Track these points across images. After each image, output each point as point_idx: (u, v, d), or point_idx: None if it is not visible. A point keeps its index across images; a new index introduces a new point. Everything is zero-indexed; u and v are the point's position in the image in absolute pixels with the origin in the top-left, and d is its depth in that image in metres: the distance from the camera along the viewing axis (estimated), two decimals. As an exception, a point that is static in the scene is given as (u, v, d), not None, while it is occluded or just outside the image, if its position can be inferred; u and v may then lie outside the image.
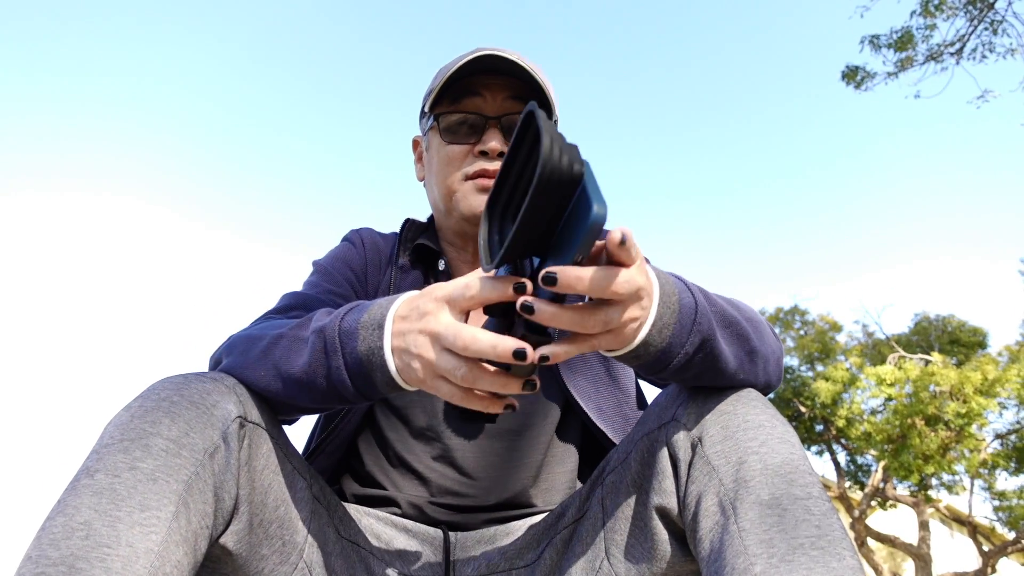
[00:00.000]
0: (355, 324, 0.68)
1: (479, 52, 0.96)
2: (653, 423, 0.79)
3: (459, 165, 1.00)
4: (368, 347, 0.66)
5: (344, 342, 0.68)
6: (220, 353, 0.83)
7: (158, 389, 0.67)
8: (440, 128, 1.01)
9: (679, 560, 0.74)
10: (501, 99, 0.99)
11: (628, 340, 0.63)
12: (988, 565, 10.35)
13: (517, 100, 1.00)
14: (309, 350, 0.70)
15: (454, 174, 1.01)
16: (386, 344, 0.66)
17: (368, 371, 0.67)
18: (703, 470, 0.70)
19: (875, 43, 7.70)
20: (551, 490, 1.01)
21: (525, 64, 0.97)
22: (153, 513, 0.59)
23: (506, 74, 0.99)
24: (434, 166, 1.04)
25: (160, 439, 0.63)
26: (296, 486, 0.78)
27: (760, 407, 0.72)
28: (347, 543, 0.87)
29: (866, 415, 10.29)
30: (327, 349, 0.69)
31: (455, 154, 1.00)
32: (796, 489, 0.65)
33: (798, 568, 0.59)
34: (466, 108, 1.00)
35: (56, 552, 0.56)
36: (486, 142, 0.98)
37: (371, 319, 0.67)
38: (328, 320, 0.71)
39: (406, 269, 1.06)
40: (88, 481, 0.60)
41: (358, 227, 1.16)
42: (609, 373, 1.03)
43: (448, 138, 1.01)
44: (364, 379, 0.68)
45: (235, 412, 0.69)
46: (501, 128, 0.99)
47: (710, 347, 0.69)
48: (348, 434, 0.99)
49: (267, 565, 0.74)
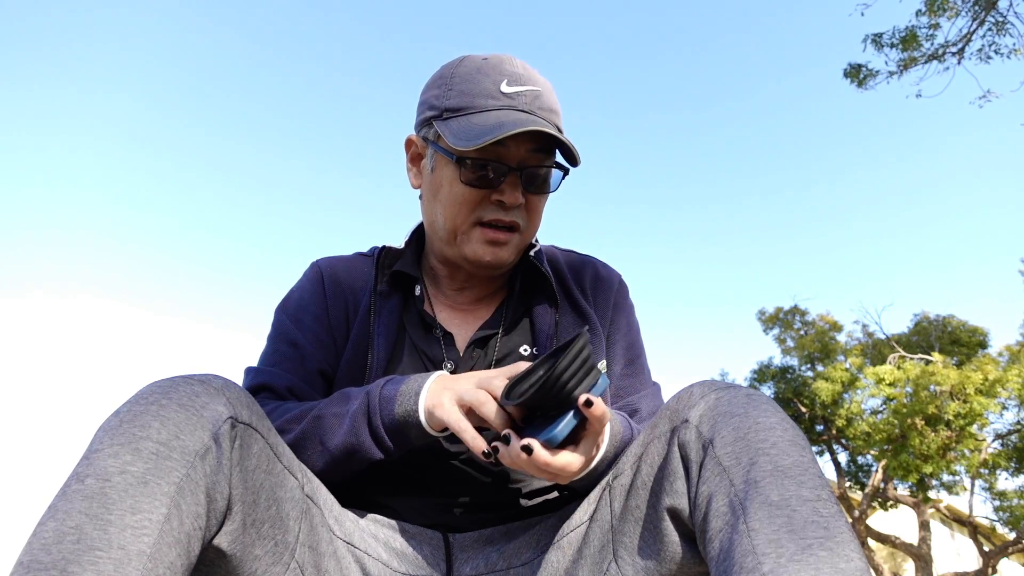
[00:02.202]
0: (394, 393, 0.88)
1: (524, 126, 0.91)
2: (665, 425, 0.80)
3: (472, 208, 0.98)
4: (405, 410, 0.86)
5: (383, 407, 0.87)
6: None
7: (147, 393, 0.67)
8: (459, 166, 0.97)
9: (688, 561, 0.74)
10: (525, 149, 0.96)
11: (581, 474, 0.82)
12: (988, 565, 10.37)
13: (539, 152, 0.97)
14: (350, 420, 0.88)
15: (466, 216, 0.98)
16: (420, 407, 0.86)
17: (404, 429, 0.87)
18: (714, 471, 0.70)
19: (878, 42, 7.70)
20: (549, 490, 1.01)
21: (562, 137, 0.94)
22: (145, 516, 0.59)
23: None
24: (443, 198, 1.00)
25: (150, 442, 0.63)
26: (287, 485, 0.78)
27: (771, 410, 0.73)
28: (341, 543, 0.87)
29: (866, 415, 10.31)
30: (370, 411, 0.88)
31: (470, 197, 0.97)
32: (805, 491, 0.65)
33: (806, 568, 0.59)
34: (489, 156, 0.95)
35: (48, 556, 0.56)
36: (504, 191, 0.96)
37: (409, 389, 0.88)
38: (367, 391, 0.90)
39: (385, 295, 1.06)
40: (78, 486, 0.60)
41: (317, 259, 1.13)
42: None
43: (467, 178, 0.96)
44: (401, 436, 0.87)
45: (225, 413, 0.69)
46: (521, 178, 0.97)
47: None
48: None
49: (260, 566, 0.73)
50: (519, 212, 0.99)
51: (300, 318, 1.05)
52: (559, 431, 0.74)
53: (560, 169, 1.01)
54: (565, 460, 0.75)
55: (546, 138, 0.96)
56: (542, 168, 0.98)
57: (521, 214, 0.99)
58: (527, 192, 0.98)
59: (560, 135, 0.94)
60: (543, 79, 1.01)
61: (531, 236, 1.04)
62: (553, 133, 0.93)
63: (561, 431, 0.74)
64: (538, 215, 1.03)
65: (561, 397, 0.74)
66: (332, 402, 0.91)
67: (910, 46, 7.59)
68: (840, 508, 0.66)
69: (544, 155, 0.98)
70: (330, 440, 0.88)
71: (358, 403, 0.88)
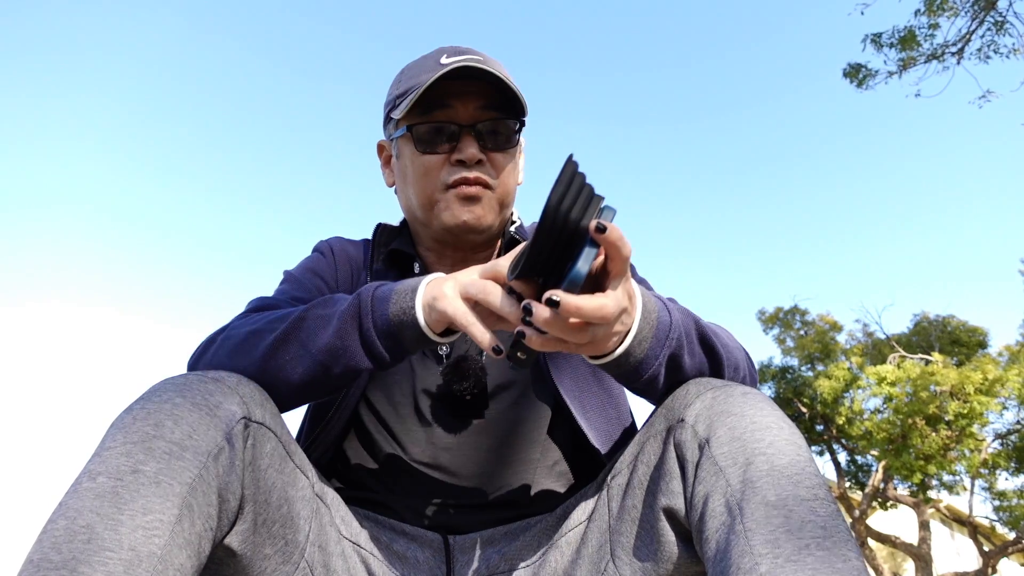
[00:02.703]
0: (389, 291, 0.79)
1: (452, 63, 0.94)
2: (661, 424, 0.79)
3: (437, 175, 0.99)
4: (400, 308, 0.77)
5: (376, 307, 0.78)
6: (201, 351, 0.85)
7: (160, 391, 0.67)
8: (414, 137, 0.99)
9: (685, 561, 0.74)
10: (473, 107, 0.98)
11: (609, 350, 0.74)
12: (988, 565, 10.35)
13: (489, 108, 0.98)
14: (337, 320, 0.79)
15: (433, 184, 0.99)
16: (418, 302, 0.76)
17: (398, 331, 0.77)
18: (710, 471, 0.70)
19: (877, 42, 7.69)
20: (546, 490, 1.01)
21: (500, 73, 0.95)
22: (156, 516, 0.59)
23: (476, 79, 0.97)
24: (409, 176, 1.01)
25: (163, 441, 0.63)
26: (298, 484, 0.78)
27: (768, 409, 0.73)
28: (348, 543, 0.87)
29: (866, 415, 10.29)
30: (360, 313, 0.78)
31: (432, 164, 0.98)
32: (802, 490, 0.65)
33: (803, 568, 0.59)
34: (438, 118, 0.98)
35: (58, 555, 0.55)
36: (462, 150, 0.97)
37: (405, 286, 0.79)
38: (358, 292, 0.80)
39: (380, 274, 1.06)
40: (90, 484, 0.60)
41: (328, 237, 1.16)
42: (595, 375, 1.03)
43: (423, 148, 0.98)
44: (393, 339, 0.78)
45: (239, 413, 0.69)
46: (476, 135, 0.98)
47: (681, 363, 0.80)
48: (333, 438, 0.99)
49: (270, 565, 0.74)
50: (484, 169, 0.99)
51: (310, 277, 1.05)
52: (579, 265, 0.64)
53: (513, 120, 1.00)
54: (599, 301, 0.65)
55: (493, 94, 0.98)
56: (497, 123, 0.99)
57: (487, 171, 0.99)
58: (487, 150, 0.99)
59: (489, 68, 0.93)
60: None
61: (505, 195, 1.02)
62: (482, 67, 0.93)
63: (582, 265, 0.64)
64: (507, 174, 1.02)
65: (567, 232, 0.64)
66: (318, 304, 0.82)
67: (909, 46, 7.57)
68: (838, 508, 0.66)
69: (495, 111, 0.99)
70: (312, 342, 0.78)
71: (347, 304, 0.80)
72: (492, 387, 0.99)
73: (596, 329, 0.68)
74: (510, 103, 0.99)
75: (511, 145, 1.01)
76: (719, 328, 0.92)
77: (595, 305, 0.65)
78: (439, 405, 0.99)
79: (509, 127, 1.00)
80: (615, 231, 0.64)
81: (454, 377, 0.96)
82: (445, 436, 0.97)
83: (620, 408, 1.04)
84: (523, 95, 0.97)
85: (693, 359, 0.82)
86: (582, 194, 0.64)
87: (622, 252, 0.65)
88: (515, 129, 1.01)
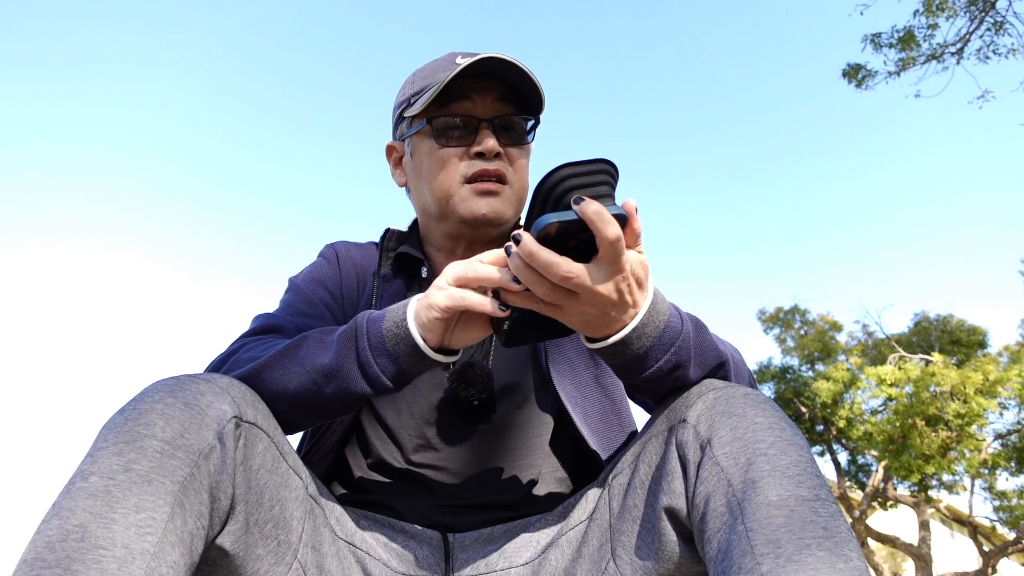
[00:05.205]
0: (383, 311, 0.80)
1: (470, 60, 0.94)
2: (663, 424, 0.80)
3: (456, 167, 0.99)
4: (393, 322, 0.78)
5: (371, 326, 0.79)
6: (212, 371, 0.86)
7: (151, 391, 0.68)
8: (433, 131, 1.00)
9: (686, 561, 0.74)
10: (491, 101, 0.99)
11: (605, 331, 0.75)
12: (988, 565, 10.35)
13: (506, 102, 1.00)
14: (336, 342, 0.80)
15: (451, 177, 0.99)
16: (409, 312, 0.77)
17: (394, 347, 0.77)
18: (712, 471, 0.70)
19: (876, 42, 7.70)
20: (547, 492, 1.01)
21: (522, 65, 0.96)
22: (148, 514, 0.59)
23: (493, 76, 0.99)
24: (425, 170, 1.02)
25: (154, 441, 0.63)
26: (291, 485, 0.78)
27: (769, 409, 0.73)
28: (343, 543, 0.87)
29: (867, 415, 10.29)
30: (356, 334, 0.79)
31: (450, 157, 0.99)
32: (804, 491, 0.65)
33: (804, 568, 0.59)
34: (457, 111, 0.99)
35: (52, 555, 0.56)
36: (482, 142, 0.98)
37: (398, 304, 0.80)
38: (355, 318, 0.82)
39: (388, 279, 1.06)
40: (83, 484, 0.60)
41: (333, 241, 1.15)
42: (598, 381, 1.04)
43: (442, 140, 0.99)
44: (389, 357, 0.78)
45: (230, 412, 0.69)
46: (494, 129, 0.99)
47: (683, 372, 0.79)
48: (333, 444, 0.99)
49: (262, 565, 0.74)
50: (503, 163, 1.00)
51: (314, 288, 1.06)
52: (548, 215, 0.66)
53: (530, 117, 1.03)
54: (554, 258, 0.66)
55: (510, 91, 1.00)
56: (514, 118, 1.01)
57: (505, 166, 1.00)
58: (504, 145, 1.00)
59: (514, 61, 0.95)
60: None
61: (522, 190, 1.04)
62: (506, 58, 0.94)
63: (551, 216, 0.66)
64: (522, 170, 1.04)
65: (555, 196, 0.67)
66: (321, 330, 0.85)
67: (908, 46, 7.59)
68: (839, 508, 0.66)
69: (512, 106, 1.00)
70: (310, 359, 0.80)
71: (345, 327, 0.82)
72: (497, 392, 1.00)
73: (562, 298, 0.70)
74: (525, 101, 1.01)
75: (527, 141, 1.04)
76: (735, 351, 0.93)
77: (546, 258, 0.66)
78: (445, 410, 1.00)
79: (524, 124, 1.03)
80: (591, 206, 0.64)
81: (461, 383, 0.96)
82: (450, 440, 0.98)
83: (622, 415, 1.04)
84: (543, 89, 0.99)
85: (699, 372, 0.82)
86: (594, 181, 0.67)
87: (602, 231, 0.65)
88: (530, 127, 1.04)
